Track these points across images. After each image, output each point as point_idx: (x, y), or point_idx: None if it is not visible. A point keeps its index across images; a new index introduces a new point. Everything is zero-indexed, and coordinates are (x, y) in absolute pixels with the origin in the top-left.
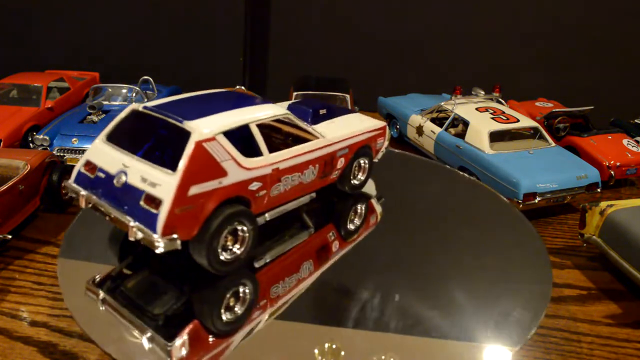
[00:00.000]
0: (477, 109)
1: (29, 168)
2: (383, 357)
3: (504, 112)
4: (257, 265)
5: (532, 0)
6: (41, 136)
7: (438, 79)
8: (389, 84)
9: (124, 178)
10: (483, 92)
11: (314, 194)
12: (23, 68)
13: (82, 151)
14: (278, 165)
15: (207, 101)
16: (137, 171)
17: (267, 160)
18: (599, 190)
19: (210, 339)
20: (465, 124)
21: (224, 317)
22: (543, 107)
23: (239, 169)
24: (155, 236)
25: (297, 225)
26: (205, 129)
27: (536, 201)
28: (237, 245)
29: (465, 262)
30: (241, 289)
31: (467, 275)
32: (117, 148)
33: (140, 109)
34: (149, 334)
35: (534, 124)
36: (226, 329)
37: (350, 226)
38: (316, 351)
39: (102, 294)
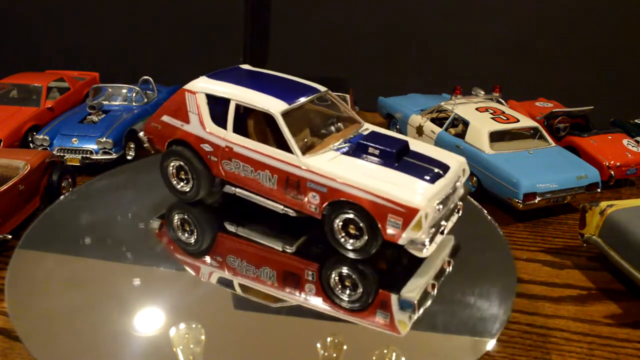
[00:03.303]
0: (477, 109)
1: (29, 168)
2: (385, 351)
3: (504, 112)
4: (227, 227)
5: (532, 0)
6: (41, 136)
7: (438, 79)
8: (389, 84)
9: None
10: (483, 92)
11: (291, 211)
12: (23, 68)
13: (82, 151)
14: (232, 145)
15: (270, 80)
16: None
17: (225, 135)
18: (599, 190)
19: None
20: (465, 124)
21: (178, 232)
22: (543, 107)
23: (199, 125)
24: (140, 133)
25: (295, 235)
26: (197, 85)
27: (536, 201)
28: (188, 182)
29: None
30: (192, 229)
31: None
32: None
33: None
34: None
35: (534, 124)
36: (177, 240)
37: (338, 291)
38: (319, 345)
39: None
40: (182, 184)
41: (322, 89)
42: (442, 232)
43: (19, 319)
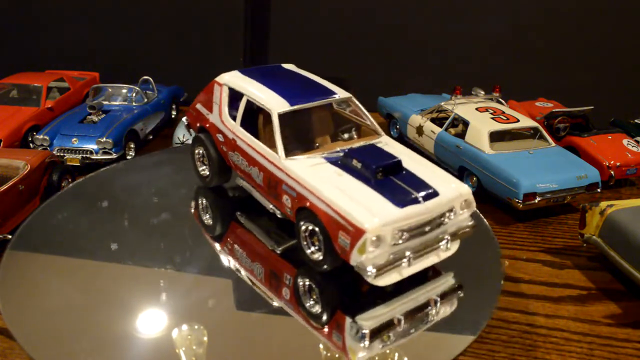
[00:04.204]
0: (477, 109)
1: (29, 168)
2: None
3: (504, 112)
4: (238, 216)
5: (532, 0)
6: (41, 136)
7: (438, 79)
8: (389, 84)
9: None
10: (483, 92)
11: (278, 212)
12: (23, 68)
13: (82, 151)
14: (236, 138)
15: (293, 81)
16: None
17: (233, 128)
18: (599, 190)
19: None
20: (465, 124)
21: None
22: (543, 107)
23: (217, 115)
24: (184, 117)
25: (292, 236)
26: (224, 77)
27: (536, 201)
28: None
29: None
30: (208, 213)
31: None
32: None
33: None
34: None
35: (534, 124)
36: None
37: (304, 301)
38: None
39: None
40: (203, 167)
41: (345, 95)
42: (409, 264)
43: (15, 322)
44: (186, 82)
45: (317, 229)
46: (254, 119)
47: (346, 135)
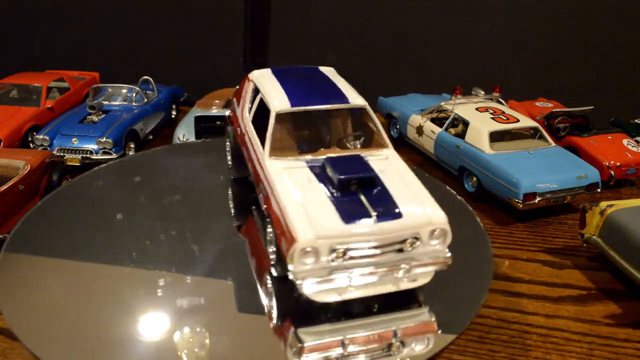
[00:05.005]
0: (477, 109)
1: (29, 168)
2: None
3: (504, 112)
4: (252, 210)
5: (531, 0)
6: (41, 136)
7: (438, 79)
8: (389, 84)
9: None
10: (483, 92)
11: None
12: (23, 68)
13: (82, 151)
14: (245, 132)
15: (310, 83)
16: None
17: (246, 122)
18: (599, 190)
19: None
20: (465, 124)
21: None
22: (543, 107)
23: (241, 109)
24: (227, 111)
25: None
26: (254, 74)
27: (536, 201)
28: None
29: None
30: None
31: None
32: None
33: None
34: None
35: (534, 124)
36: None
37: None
38: None
39: None
40: (229, 158)
41: (358, 103)
42: (351, 285)
43: (16, 322)
44: (186, 82)
45: (272, 230)
46: (267, 116)
47: (350, 144)
